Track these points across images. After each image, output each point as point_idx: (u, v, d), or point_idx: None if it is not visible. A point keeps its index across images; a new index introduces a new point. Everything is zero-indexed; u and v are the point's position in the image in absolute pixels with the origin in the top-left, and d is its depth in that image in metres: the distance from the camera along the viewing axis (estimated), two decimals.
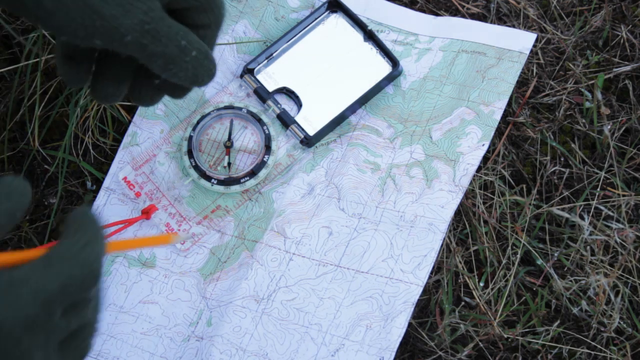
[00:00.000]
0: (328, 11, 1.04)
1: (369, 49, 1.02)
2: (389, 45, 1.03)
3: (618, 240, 0.96)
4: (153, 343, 0.95)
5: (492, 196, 0.98)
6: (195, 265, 0.98)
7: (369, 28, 1.02)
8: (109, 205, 1.00)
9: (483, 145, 0.98)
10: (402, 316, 0.93)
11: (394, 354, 0.93)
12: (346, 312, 0.95)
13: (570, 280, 0.95)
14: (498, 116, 0.99)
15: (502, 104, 0.99)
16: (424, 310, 0.95)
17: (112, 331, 0.96)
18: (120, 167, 1.01)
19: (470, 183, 0.98)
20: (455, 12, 1.05)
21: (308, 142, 0.99)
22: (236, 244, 0.98)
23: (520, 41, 1.02)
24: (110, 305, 0.96)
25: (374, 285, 0.95)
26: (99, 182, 1.01)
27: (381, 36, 1.03)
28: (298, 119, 1.00)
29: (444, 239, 0.96)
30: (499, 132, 1.00)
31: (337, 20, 1.03)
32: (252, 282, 0.96)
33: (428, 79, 1.02)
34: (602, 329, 0.94)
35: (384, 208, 0.98)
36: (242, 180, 0.99)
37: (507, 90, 1.00)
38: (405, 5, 1.05)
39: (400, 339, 0.93)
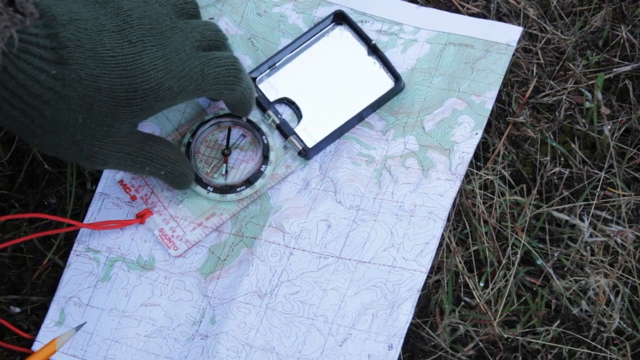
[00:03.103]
0: (333, 23, 1.04)
1: (372, 63, 1.02)
2: (372, 36, 1.03)
3: (618, 240, 0.96)
4: (157, 345, 0.95)
5: (492, 196, 0.98)
6: (195, 265, 0.98)
7: (373, 42, 1.02)
8: (104, 209, 1.00)
9: (476, 134, 0.99)
10: (408, 303, 0.94)
11: (402, 340, 0.93)
12: (351, 302, 0.95)
13: (570, 281, 0.95)
14: (489, 105, 0.99)
15: (492, 94, 1.00)
16: (424, 310, 0.95)
17: (116, 336, 0.96)
18: (111, 170, 1.00)
19: (470, 183, 0.98)
20: (455, 12, 1.04)
21: (306, 153, 0.99)
22: (234, 241, 0.98)
23: (506, 34, 1.02)
24: (112, 310, 0.96)
25: (377, 274, 0.95)
26: (97, 182, 1.01)
27: (365, 26, 1.03)
28: (297, 130, 1.00)
29: (445, 227, 0.96)
30: (498, 132, 1.00)
31: (341, 33, 1.03)
32: (254, 278, 0.96)
33: (416, 70, 1.02)
34: (602, 329, 0.94)
35: (382, 199, 0.98)
36: (238, 189, 0.98)
37: (497, 81, 1.00)
38: None
39: (407, 326, 0.93)
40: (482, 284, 0.96)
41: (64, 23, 0.84)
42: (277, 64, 1.03)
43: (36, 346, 0.95)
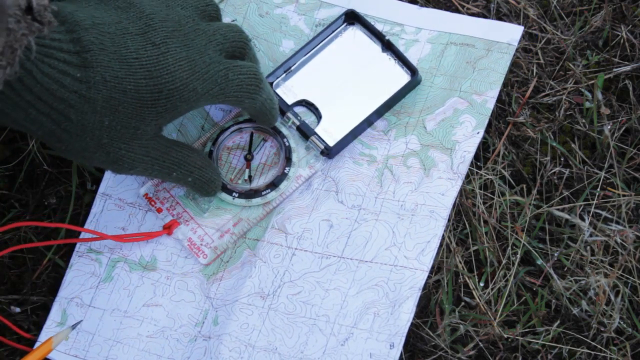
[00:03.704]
0: (345, 24, 1.04)
1: (387, 59, 1.02)
2: None
3: (618, 240, 0.96)
4: (160, 345, 0.95)
5: (492, 196, 0.98)
6: (197, 266, 0.98)
7: (387, 38, 1.02)
8: (106, 211, 0.99)
9: (478, 133, 0.99)
10: (410, 301, 0.94)
11: (403, 339, 0.93)
12: (353, 301, 0.95)
13: (570, 280, 0.95)
14: (491, 105, 1.00)
15: (494, 93, 1.00)
16: (424, 310, 0.96)
17: (118, 336, 0.96)
18: (131, 178, 1.01)
19: (470, 183, 0.98)
20: (455, 12, 1.05)
21: (328, 152, 0.99)
22: (237, 243, 0.98)
23: (507, 33, 1.02)
24: (114, 310, 0.96)
25: (378, 273, 0.95)
26: (99, 183, 1.01)
27: None
28: (318, 130, 1.00)
29: (445, 227, 0.96)
30: (498, 132, 1.01)
31: (354, 33, 1.03)
32: (257, 279, 0.96)
33: (418, 71, 1.02)
34: (602, 329, 0.94)
35: (383, 198, 0.98)
36: (263, 193, 0.98)
37: (499, 80, 1.00)
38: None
39: (409, 324, 0.93)
40: (482, 284, 0.96)
41: (86, 27, 0.84)
42: (292, 68, 1.03)
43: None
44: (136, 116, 0.87)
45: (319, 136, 1.00)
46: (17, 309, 0.98)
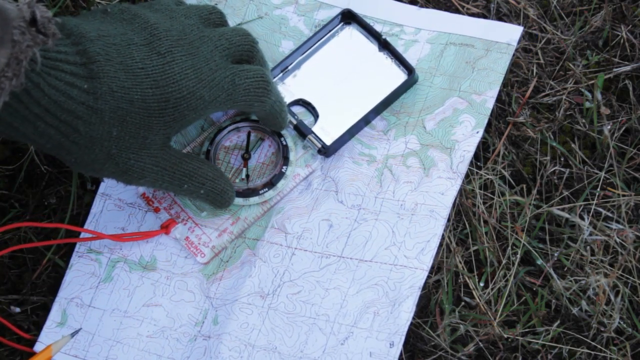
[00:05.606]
0: (342, 23, 1.04)
1: (384, 58, 1.02)
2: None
3: (618, 240, 0.96)
4: (160, 345, 0.95)
5: (492, 196, 0.98)
6: (197, 266, 0.98)
7: (384, 38, 1.02)
8: (106, 211, 1.00)
9: (477, 132, 0.99)
10: (409, 300, 0.94)
11: (403, 338, 0.93)
12: (352, 300, 0.95)
13: (570, 280, 0.95)
14: (490, 104, 1.00)
15: (493, 93, 1.00)
16: (424, 310, 0.96)
17: (118, 336, 0.96)
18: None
19: (470, 183, 0.98)
20: (455, 13, 1.05)
21: (326, 151, 0.99)
22: (237, 243, 0.98)
23: (507, 34, 1.02)
24: (114, 310, 0.96)
25: (378, 272, 0.96)
26: (98, 183, 1.01)
27: None
28: (315, 129, 1.00)
29: (445, 226, 0.96)
30: (498, 132, 1.01)
31: (351, 32, 1.04)
32: (257, 279, 0.96)
33: (417, 70, 1.02)
34: (602, 329, 0.94)
35: (383, 198, 0.98)
36: (260, 192, 0.99)
37: (498, 80, 1.01)
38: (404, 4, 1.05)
39: (409, 323, 0.93)
40: (482, 284, 0.96)
41: (92, 39, 0.85)
42: (289, 67, 1.03)
43: (38, 347, 0.96)
44: (144, 126, 0.87)
45: (316, 135, 1.00)
46: (17, 309, 0.98)
